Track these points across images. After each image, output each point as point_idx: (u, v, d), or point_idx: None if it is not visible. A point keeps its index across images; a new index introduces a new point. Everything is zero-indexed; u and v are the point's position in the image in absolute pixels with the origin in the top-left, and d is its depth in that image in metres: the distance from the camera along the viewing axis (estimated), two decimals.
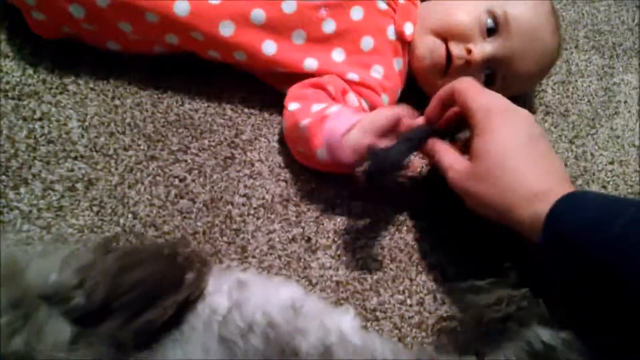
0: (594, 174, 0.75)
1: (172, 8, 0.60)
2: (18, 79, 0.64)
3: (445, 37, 0.67)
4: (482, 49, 0.65)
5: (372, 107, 0.67)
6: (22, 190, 0.58)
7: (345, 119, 0.57)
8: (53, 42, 0.66)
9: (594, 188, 0.74)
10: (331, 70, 0.66)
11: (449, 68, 0.67)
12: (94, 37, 0.65)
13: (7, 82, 0.63)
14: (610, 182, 0.75)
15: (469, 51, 0.65)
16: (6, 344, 0.35)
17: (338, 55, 0.66)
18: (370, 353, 0.39)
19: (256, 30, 0.63)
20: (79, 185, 0.60)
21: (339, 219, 0.63)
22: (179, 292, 0.40)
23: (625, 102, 0.84)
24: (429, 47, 0.67)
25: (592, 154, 0.77)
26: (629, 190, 0.74)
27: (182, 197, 0.61)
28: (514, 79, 0.68)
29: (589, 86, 0.84)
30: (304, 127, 0.59)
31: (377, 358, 0.39)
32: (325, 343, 0.38)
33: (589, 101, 0.82)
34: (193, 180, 0.63)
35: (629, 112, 0.83)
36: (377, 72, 0.67)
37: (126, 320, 0.37)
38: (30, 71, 0.65)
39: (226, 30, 0.62)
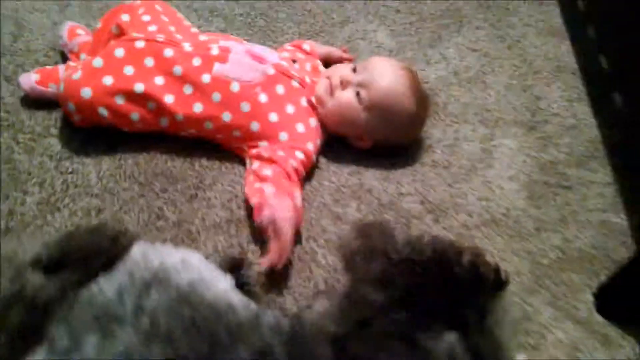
0: (459, 205, 1.02)
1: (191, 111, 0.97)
2: (60, 147, 0.98)
3: (329, 76, 1.03)
4: (350, 76, 1.01)
5: (305, 153, 0.98)
6: (57, 215, 0.90)
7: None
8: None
9: (462, 217, 1.00)
10: (269, 128, 0.98)
11: (332, 90, 1.02)
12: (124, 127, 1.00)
13: (53, 149, 0.98)
14: (475, 212, 1.01)
15: (341, 77, 1.01)
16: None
17: (274, 116, 0.99)
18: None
19: (216, 105, 0.97)
20: (92, 213, 0.92)
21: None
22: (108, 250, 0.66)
23: (499, 158, 1.12)
24: (322, 83, 1.03)
25: (464, 193, 1.04)
26: (488, 217, 1.01)
27: (159, 219, 0.92)
28: (376, 97, 1.00)
29: (471, 148, 1.13)
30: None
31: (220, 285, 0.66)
32: (190, 279, 0.65)
33: (468, 158, 1.11)
34: (167, 209, 0.94)
35: (501, 165, 1.11)
36: (300, 129, 1.00)
37: (75, 269, 0.65)
38: (68, 143, 0.99)
39: (197, 108, 0.96)
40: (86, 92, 0.93)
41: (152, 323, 0.59)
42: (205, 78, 0.97)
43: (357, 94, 1.01)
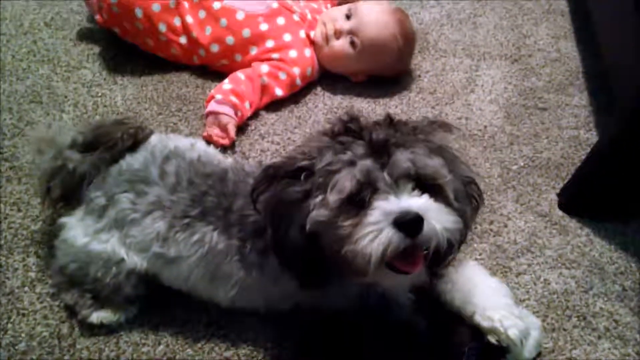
0: None
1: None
2: (91, 77, 1.15)
3: (325, 23, 1.16)
4: (342, 24, 1.14)
5: (288, 74, 1.12)
6: None
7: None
8: (113, 57, 1.17)
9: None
10: (265, 52, 1.13)
11: (327, 39, 1.15)
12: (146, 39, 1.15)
13: (85, 78, 1.15)
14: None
15: (334, 25, 1.14)
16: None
17: (270, 42, 1.14)
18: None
19: (223, 29, 1.13)
20: None
21: None
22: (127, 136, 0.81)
23: (482, 85, 1.23)
24: (319, 30, 1.17)
25: (446, 114, 1.16)
26: (465, 133, 1.12)
27: (174, 132, 1.07)
28: (368, 43, 1.13)
29: (456, 77, 1.24)
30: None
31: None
32: (198, 155, 0.79)
33: (453, 85, 1.22)
34: (181, 124, 1.09)
35: (483, 91, 1.22)
36: (292, 54, 1.14)
37: (104, 149, 0.80)
38: (98, 73, 1.16)
39: (207, 30, 1.14)
40: None
41: (176, 179, 0.75)
42: (216, 5, 1.14)
43: (351, 41, 1.14)
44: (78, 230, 0.75)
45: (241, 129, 1.08)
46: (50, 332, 0.78)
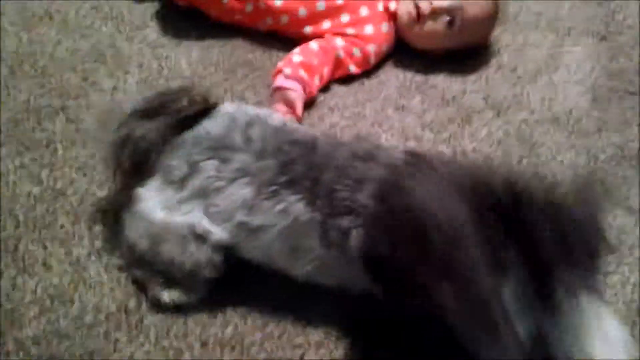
0: (521, 103, 1.06)
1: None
2: (155, 37, 1.11)
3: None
4: (440, 1, 1.04)
5: (363, 52, 1.05)
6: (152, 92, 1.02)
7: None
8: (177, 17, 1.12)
9: (524, 114, 1.05)
10: (339, 27, 1.06)
11: (419, 18, 1.05)
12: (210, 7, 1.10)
13: (149, 38, 1.10)
14: (537, 110, 1.05)
15: (431, 3, 1.04)
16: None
17: (345, 17, 1.07)
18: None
19: (296, 1, 1.06)
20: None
21: None
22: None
23: (566, 64, 1.14)
24: (405, 7, 1.07)
25: (528, 93, 1.08)
26: (549, 116, 1.04)
27: (241, 100, 1.02)
28: (467, 23, 1.05)
29: (539, 53, 1.16)
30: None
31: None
32: (280, 122, 0.75)
33: (535, 62, 1.14)
34: (248, 92, 1.04)
35: (568, 70, 1.13)
36: (368, 30, 1.07)
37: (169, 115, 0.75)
38: (163, 33, 1.11)
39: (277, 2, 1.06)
40: None
41: (262, 145, 0.71)
42: None
43: (450, 22, 1.05)
44: (155, 202, 0.71)
45: (309, 101, 1.03)
46: (117, 306, 0.76)
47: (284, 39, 1.11)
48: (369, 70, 1.10)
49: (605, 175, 0.96)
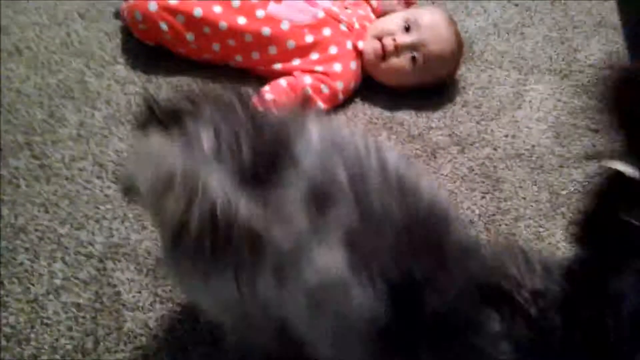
0: (485, 139, 1.08)
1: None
2: (125, 74, 1.11)
3: (380, 37, 1.08)
4: (403, 38, 1.05)
5: (331, 89, 1.07)
6: (121, 127, 1.03)
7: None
8: (148, 54, 1.13)
9: (487, 150, 1.06)
10: (308, 64, 1.08)
11: (385, 55, 1.07)
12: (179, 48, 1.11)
13: (119, 75, 1.11)
14: (500, 147, 1.07)
15: (394, 40, 1.06)
16: None
17: (314, 55, 1.09)
18: None
19: (265, 38, 1.07)
20: None
21: None
22: None
23: (530, 101, 1.17)
24: (371, 45, 1.09)
25: (492, 130, 1.10)
26: (512, 152, 1.06)
27: None
28: (431, 59, 1.08)
29: (503, 91, 1.18)
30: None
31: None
32: None
33: (499, 100, 1.17)
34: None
35: (531, 108, 1.16)
36: (337, 68, 1.08)
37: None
38: (132, 70, 1.12)
39: (247, 37, 1.07)
40: (152, 6, 1.06)
41: None
42: (259, 14, 1.08)
43: (413, 58, 1.08)
44: None
45: None
46: (74, 346, 0.75)
47: (252, 76, 1.12)
48: (338, 107, 1.11)
49: (567, 210, 0.98)
